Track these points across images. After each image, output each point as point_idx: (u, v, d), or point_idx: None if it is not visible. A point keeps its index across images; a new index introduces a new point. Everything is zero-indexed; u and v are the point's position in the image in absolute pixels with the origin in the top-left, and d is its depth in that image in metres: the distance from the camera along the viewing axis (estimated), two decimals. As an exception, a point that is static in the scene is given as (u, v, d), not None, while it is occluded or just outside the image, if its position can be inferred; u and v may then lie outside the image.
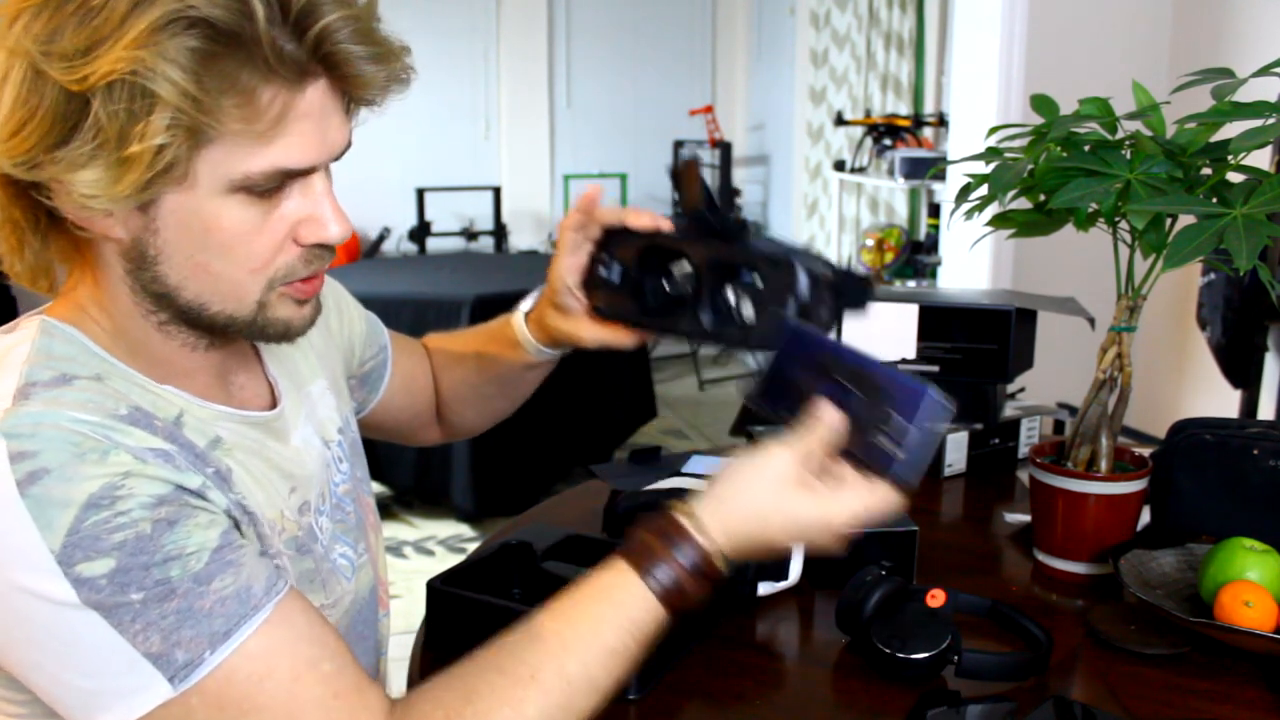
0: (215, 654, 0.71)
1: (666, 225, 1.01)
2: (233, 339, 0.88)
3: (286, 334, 0.85)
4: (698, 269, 0.99)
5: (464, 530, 3.65)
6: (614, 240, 1.04)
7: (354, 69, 0.76)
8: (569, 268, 1.06)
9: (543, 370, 1.19)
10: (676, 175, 1.01)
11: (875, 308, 1.47)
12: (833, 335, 0.95)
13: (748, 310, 0.98)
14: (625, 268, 1.03)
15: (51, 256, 0.81)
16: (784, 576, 1.10)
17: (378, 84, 0.79)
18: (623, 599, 0.81)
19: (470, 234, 5.59)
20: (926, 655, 0.94)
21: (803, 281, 0.94)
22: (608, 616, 0.80)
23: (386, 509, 3.75)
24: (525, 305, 1.15)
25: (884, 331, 1.46)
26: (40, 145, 0.71)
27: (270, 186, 0.77)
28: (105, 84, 0.69)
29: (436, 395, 1.26)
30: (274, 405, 0.95)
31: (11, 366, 0.76)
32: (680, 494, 1.12)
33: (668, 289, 1.02)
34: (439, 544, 3.55)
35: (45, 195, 0.75)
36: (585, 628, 0.80)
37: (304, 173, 0.78)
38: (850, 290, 0.95)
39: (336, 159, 0.82)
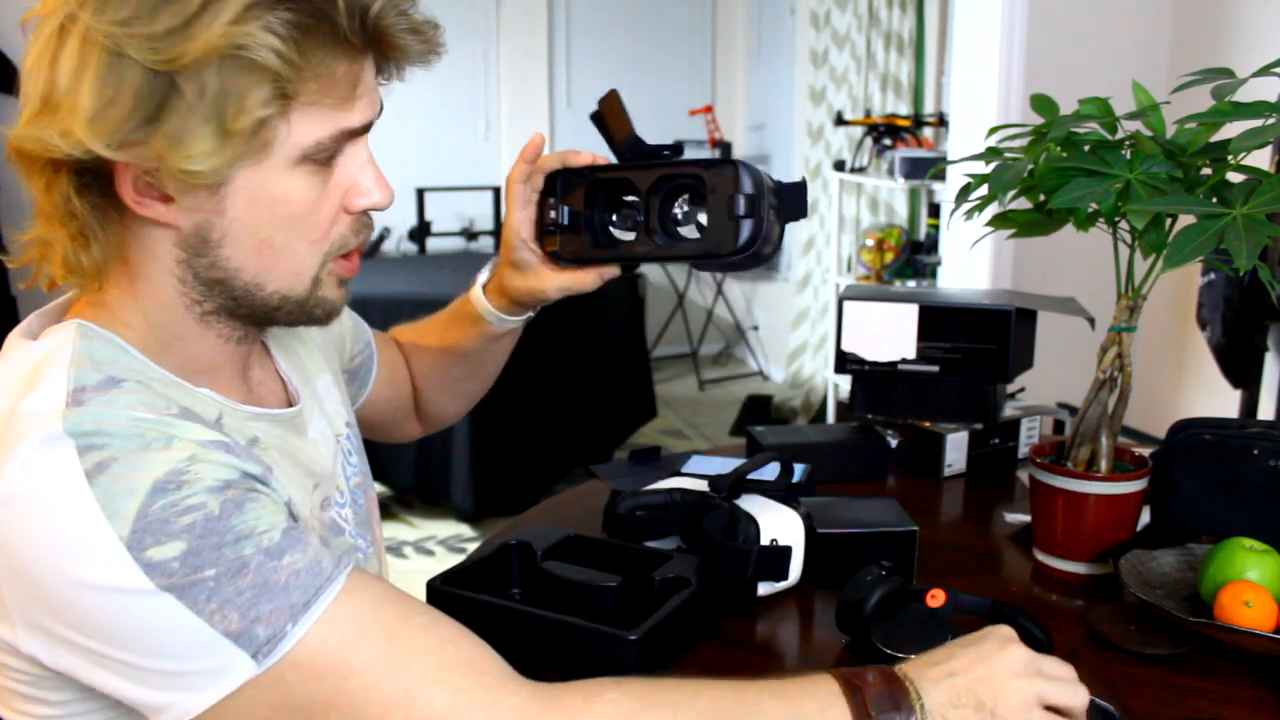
0: (298, 625, 0.71)
1: (605, 161, 1.05)
2: (268, 327, 0.90)
3: (330, 314, 0.88)
4: (642, 192, 1.01)
5: (464, 530, 3.65)
6: (559, 185, 1.06)
7: (399, 42, 0.80)
8: (521, 221, 1.07)
9: (507, 341, 1.21)
10: (599, 115, 1.03)
11: (875, 308, 1.47)
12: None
13: (701, 218, 1.00)
14: (574, 209, 1.04)
15: (110, 253, 0.81)
16: (784, 576, 1.10)
17: (416, 56, 0.82)
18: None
19: (470, 234, 5.59)
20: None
21: (746, 177, 0.98)
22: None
23: (386, 509, 3.75)
24: (481, 278, 1.16)
25: (884, 331, 1.46)
26: (128, 123, 0.73)
27: (332, 153, 0.80)
28: (201, 59, 0.71)
29: (413, 386, 1.27)
30: (289, 402, 0.97)
31: (57, 371, 0.76)
32: (681, 494, 1.12)
33: (617, 219, 1.05)
34: (439, 544, 3.55)
35: (111, 184, 0.77)
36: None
37: (356, 134, 0.81)
38: (789, 195, 1.00)
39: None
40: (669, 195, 1.02)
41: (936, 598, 1.04)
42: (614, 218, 1.05)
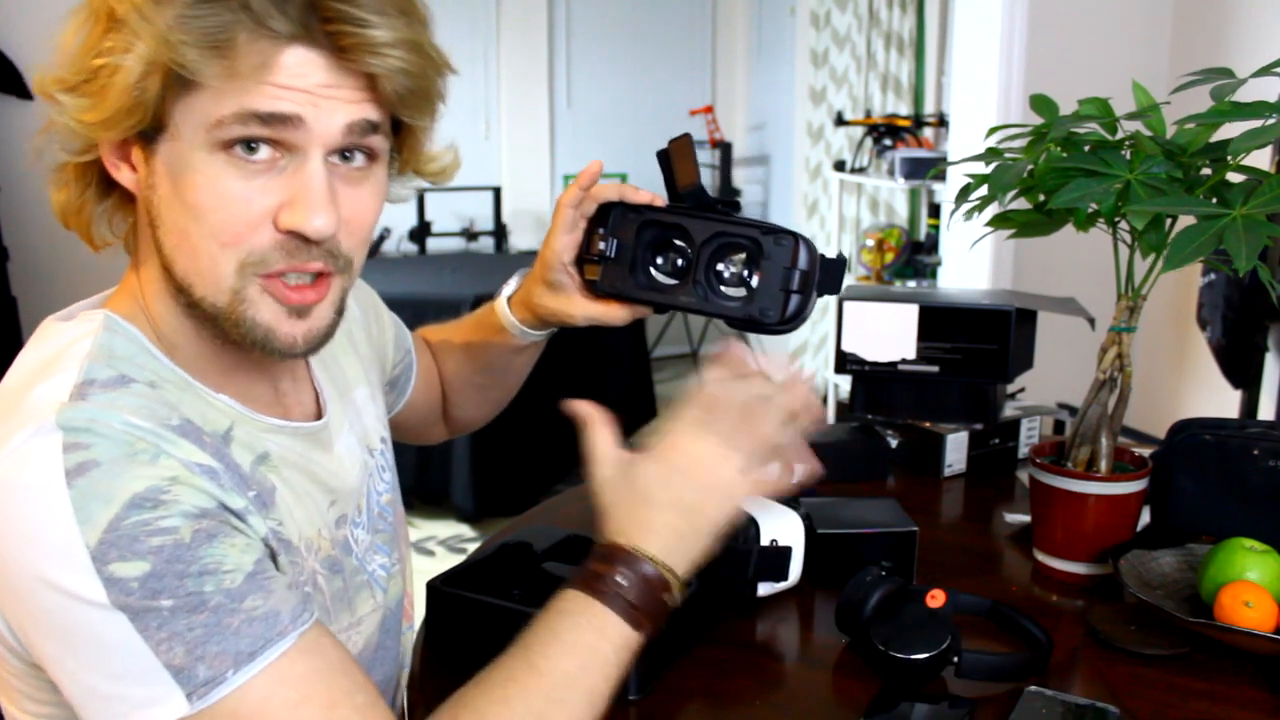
0: (238, 674, 0.70)
1: (662, 203, 1.03)
2: (231, 338, 0.83)
3: (266, 343, 0.79)
4: (696, 243, 1.00)
5: (464, 530, 3.65)
6: (610, 216, 1.05)
7: (353, 30, 0.73)
8: (565, 245, 1.06)
9: (530, 353, 1.20)
10: (666, 154, 1.02)
11: (875, 308, 1.47)
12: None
13: (753, 281, 0.99)
14: (622, 243, 1.03)
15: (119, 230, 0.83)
16: (784, 577, 1.10)
17: (386, 52, 0.75)
18: (596, 625, 0.79)
19: (470, 234, 5.59)
20: (925, 656, 0.94)
21: (804, 254, 0.97)
22: (588, 653, 0.78)
23: (387, 509, 3.75)
24: (508, 289, 1.15)
25: (884, 332, 1.46)
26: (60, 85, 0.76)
27: (246, 138, 0.74)
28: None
29: (441, 389, 1.26)
30: (319, 414, 0.94)
31: (73, 360, 0.76)
32: None
33: (662, 263, 1.04)
34: (439, 544, 3.55)
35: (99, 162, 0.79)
36: (567, 669, 0.77)
37: (288, 134, 0.75)
38: (830, 271, 0.99)
39: (355, 147, 0.78)
40: (720, 251, 1.00)
41: (936, 598, 1.04)
42: (659, 260, 1.04)
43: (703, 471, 0.83)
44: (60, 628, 0.70)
